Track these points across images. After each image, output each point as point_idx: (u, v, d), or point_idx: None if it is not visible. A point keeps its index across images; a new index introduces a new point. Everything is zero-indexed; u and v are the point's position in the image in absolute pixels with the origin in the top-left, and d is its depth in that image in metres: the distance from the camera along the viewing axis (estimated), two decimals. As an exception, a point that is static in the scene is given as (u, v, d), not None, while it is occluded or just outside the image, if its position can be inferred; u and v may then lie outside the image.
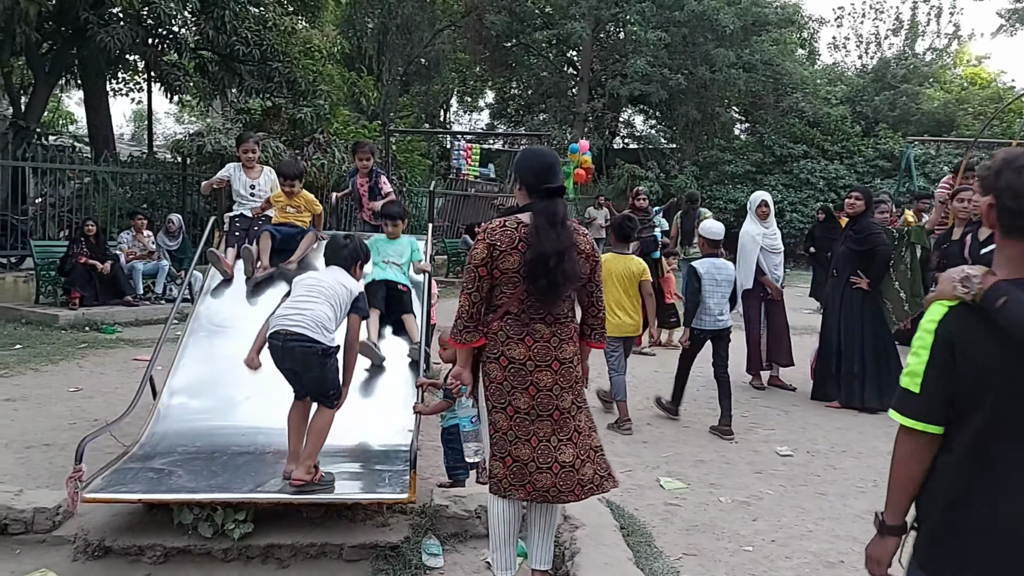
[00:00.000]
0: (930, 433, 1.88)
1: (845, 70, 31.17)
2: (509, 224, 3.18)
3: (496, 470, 3.25)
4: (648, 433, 5.98)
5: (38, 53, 12.87)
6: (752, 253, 7.18)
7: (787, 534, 4.17)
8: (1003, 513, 1.80)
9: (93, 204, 12.62)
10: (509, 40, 26.87)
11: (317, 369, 3.83)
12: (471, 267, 3.17)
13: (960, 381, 1.83)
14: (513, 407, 3.19)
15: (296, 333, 3.77)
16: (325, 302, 3.91)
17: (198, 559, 3.71)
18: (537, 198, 3.21)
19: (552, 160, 3.34)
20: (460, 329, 3.20)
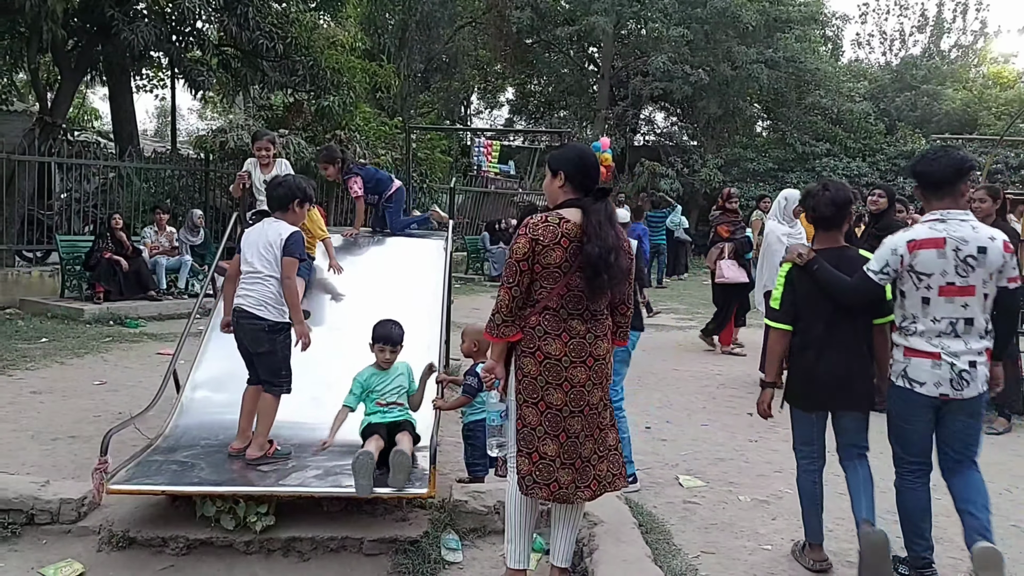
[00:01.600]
0: (784, 329, 3.74)
1: (869, 67, 30.91)
2: (551, 219, 3.20)
3: (522, 466, 3.27)
4: (667, 431, 5.98)
5: (64, 50, 12.99)
6: (778, 253, 6.84)
7: (807, 533, 4.15)
8: (811, 361, 3.68)
9: (117, 199, 12.75)
10: (530, 36, 26.84)
11: (267, 346, 4.12)
12: (512, 261, 3.18)
13: (796, 302, 3.71)
14: (545, 403, 3.22)
15: (244, 311, 4.11)
16: (267, 278, 4.12)
17: (220, 551, 3.76)
18: (585, 196, 3.24)
19: (597, 159, 3.39)
20: (499, 323, 3.21)
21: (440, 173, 18.44)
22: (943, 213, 3.51)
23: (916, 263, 3.45)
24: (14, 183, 11.41)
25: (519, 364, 3.27)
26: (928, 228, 3.49)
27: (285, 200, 4.26)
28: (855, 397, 3.71)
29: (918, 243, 3.46)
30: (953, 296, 3.44)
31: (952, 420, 3.55)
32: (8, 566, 3.57)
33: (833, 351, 3.63)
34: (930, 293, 3.45)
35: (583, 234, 3.15)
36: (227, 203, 14.09)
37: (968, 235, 3.45)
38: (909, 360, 3.53)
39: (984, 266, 3.43)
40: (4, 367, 7.15)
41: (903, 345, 3.56)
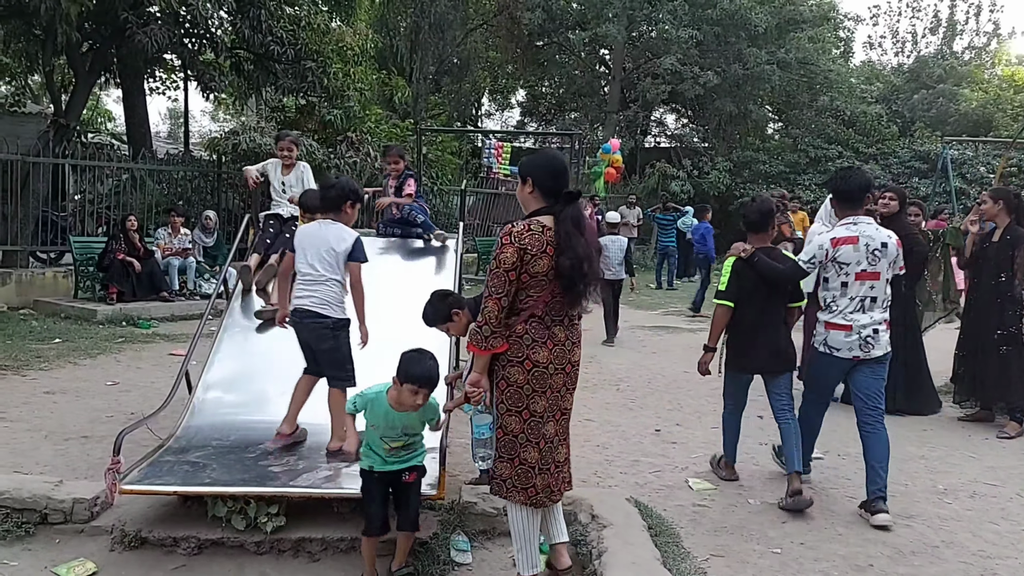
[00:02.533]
0: (728, 306, 4.66)
1: (881, 69, 30.77)
2: (535, 228, 3.19)
3: (502, 471, 3.33)
4: (677, 434, 5.97)
5: (78, 52, 13.08)
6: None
7: (816, 537, 4.15)
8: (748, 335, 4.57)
9: (130, 201, 12.83)
10: (542, 39, 26.86)
11: (330, 342, 4.25)
12: (500, 271, 3.13)
13: (740, 286, 4.63)
14: (529, 411, 3.27)
15: (305, 310, 4.24)
16: (328, 280, 4.27)
17: (231, 551, 3.78)
18: (555, 202, 3.26)
19: (565, 164, 3.44)
20: (487, 335, 3.17)
21: (451, 175, 18.47)
22: (855, 218, 4.59)
23: (838, 255, 4.51)
24: (28, 185, 11.50)
25: (505, 374, 3.26)
26: (845, 229, 4.57)
27: (339, 201, 4.34)
28: (783, 363, 4.76)
29: (839, 240, 4.54)
30: (865, 280, 4.50)
31: (861, 375, 4.56)
32: (22, 565, 3.60)
33: (766, 328, 4.71)
34: (848, 278, 4.51)
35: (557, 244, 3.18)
36: (239, 204, 14.17)
37: (874, 234, 4.54)
38: (828, 332, 4.57)
39: (886, 257, 4.52)
40: (18, 367, 7.21)
41: (824, 320, 4.60)
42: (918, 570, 3.82)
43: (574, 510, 4.11)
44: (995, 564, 3.91)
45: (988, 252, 6.51)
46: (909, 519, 4.43)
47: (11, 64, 16.75)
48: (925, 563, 3.89)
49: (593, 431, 5.94)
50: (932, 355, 6.95)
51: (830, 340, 4.54)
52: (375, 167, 13.96)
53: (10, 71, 17.22)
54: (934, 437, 6.15)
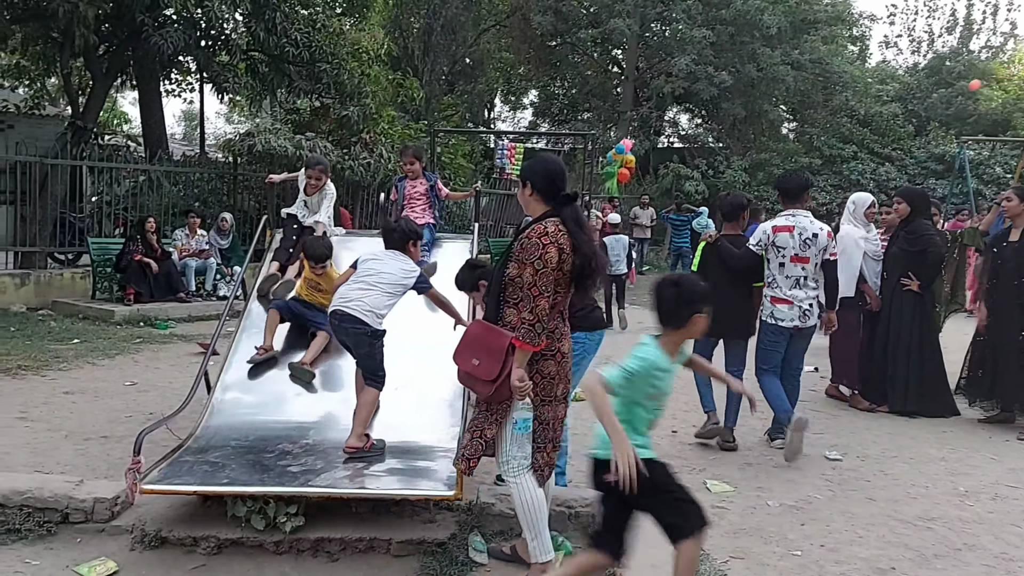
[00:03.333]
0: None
1: (897, 68, 30.57)
2: (560, 228, 3.39)
3: (539, 460, 3.54)
4: (694, 435, 5.94)
5: (96, 55, 13.19)
6: (856, 258, 6.68)
7: (837, 539, 4.12)
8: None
9: (147, 202, 12.91)
10: (554, 39, 26.84)
11: (367, 348, 4.39)
12: (548, 271, 3.29)
13: (706, 266, 5.60)
14: (553, 397, 3.52)
15: (349, 315, 4.33)
16: (382, 292, 4.43)
17: (251, 551, 3.79)
18: (556, 204, 3.46)
19: (562, 167, 3.63)
20: (539, 332, 3.31)
21: (464, 176, 18.49)
22: (793, 211, 5.57)
23: (776, 240, 5.50)
24: (47, 186, 11.59)
25: (538, 368, 3.46)
26: (784, 219, 5.56)
27: (403, 242, 4.60)
28: (739, 330, 5.61)
29: (778, 228, 5.53)
30: (797, 263, 5.47)
31: (795, 342, 5.60)
32: (44, 564, 3.63)
33: (728, 301, 5.23)
34: (784, 260, 5.49)
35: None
36: (254, 206, 14.22)
37: (807, 225, 5.50)
38: (774, 305, 5.52)
39: (816, 245, 5.47)
40: (38, 368, 7.26)
41: (769, 295, 5.56)
42: (940, 573, 3.79)
43: (592, 511, 4.09)
44: (1018, 567, 3.87)
45: (1006, 253, 6.46)
46: (930, 521, 4.40)
47: (29, 67, 16.87)
48: (948, 566, 3.86)
49: (609, 432, 5.92)
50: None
51: (776, 313, 5.51)
52: (388, 168, 13.99)
53: (28, 74, 17.34)
54: (954, 439, 6.10)
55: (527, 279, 3.31)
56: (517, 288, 3.35)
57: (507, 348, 3.36)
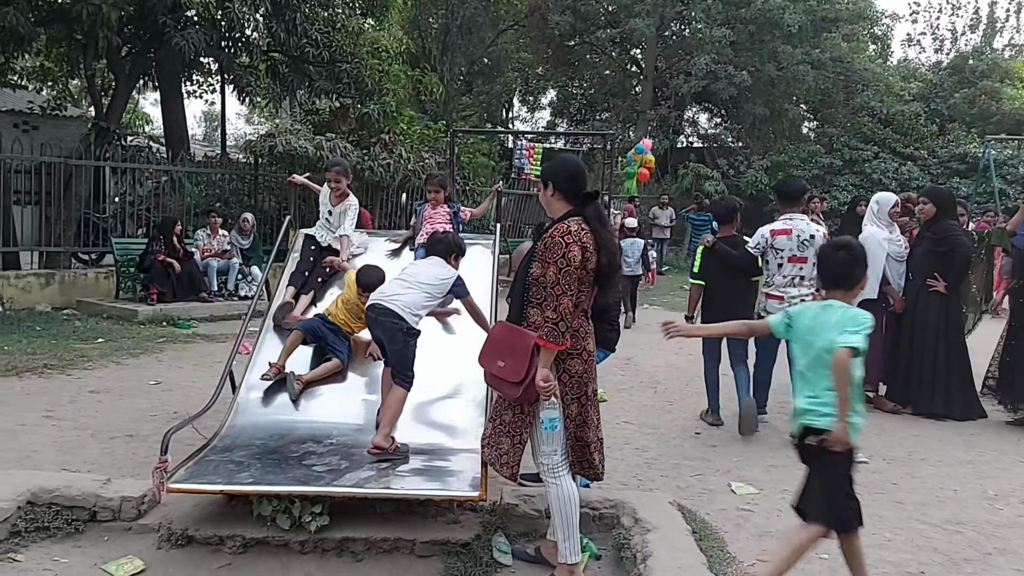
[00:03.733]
0: (700, 284, 6.20)
1: (919, 67, 30.26)
2: (584, 227, 3.41)
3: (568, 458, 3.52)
4: (717, 437, 5.91)
5: (118, 56, 13.30)
6: (879, 259, 6.51)
7: (865, 543, 3.99)
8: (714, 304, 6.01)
9: (169, 203, 13.01)
10: (572, 39, 26.80)
11: (400, 344, 4.39)
12: (571, 270, 3.31)
13: (707, 268, 6.16)
14: (586, 395, 3.52)
15: (387, 308, 4.38)
16: (421, 292, 4.51)
17: (276, 550, 3.80)
18: (578, 203, 3.48)
19: (582, 166, 3.67)
20: (563, 331, 3.32)
21: (483, 177, 18.50)
22: (791, 215, 6.04)
23: (775, 243, 5.97)
24: (71, 187, 11.70)
25: (564, 367, 3.46)
26: (782, 223, 6.02)
27: (447, 253, 4.75)
28: None
29: (776, 231, 5.99)
30: (795, 263, 5.93)
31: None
32: (72, 562, 3.65)
33: (726, 299, 6.05)
34: (783, 260, 5.95)
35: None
36: (275, 207, 14.29)
37: (804, 228, 5.96)
38: (767, 300, 6.01)
39: (812, 246, 5.83)
40: (64, 367, 7.33)
41: (764, 292, 6.07)
42: (970, 578, 3.74)
43: (617, 513, 4.08)
44: (1050, 572, 3.82)
45: None
46: (960, 525, 4.35)
47: (53, 68, 17.05)
48: (978, 570, 3.81)
49: (632, 433, 5.90)
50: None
51: (767, 306, 5.97)
52: (408, 168, 14.01)
53: (52, 75, 17.52)
54: (981, 442, 6.03)
55: (550, 278, 3.32)
56: (540, 288, 3.35)
57: (532, 348, 3.36)
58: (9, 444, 5.13)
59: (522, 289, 3.50)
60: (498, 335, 3.59)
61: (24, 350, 7.89)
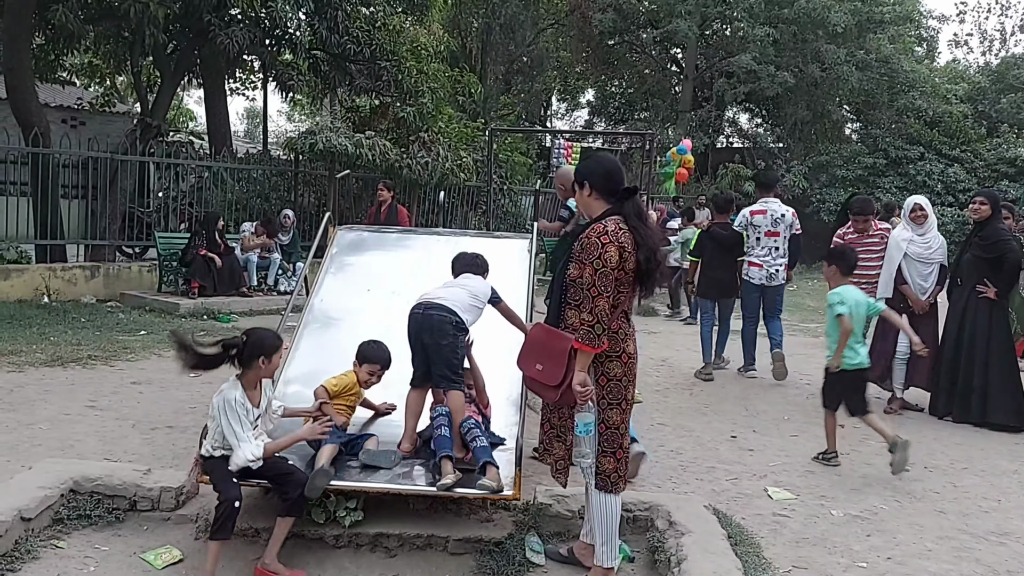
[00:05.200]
0: (696, 260, 8.21)
1: (967, 68, 29.62)
2: (622, 227, 3.35)
3: (606, 466, 3.45)
4: (754, 441, 5.84)
5: (164, 53, 13.54)
6: (894, 259, 6.64)
7: (904, 552, 4.00)
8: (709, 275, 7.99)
9: (211, 198, 13.20)
10: (613, 38, 26.68)
11: (451, 338, 4.19)
12: (607, 271, 3.26)
13: (703, 247, 8.05)
14: (627, 401, 3.46)
15: (437, 303, 4.25)
16: (467, 294, 4.44)
17: (311, 543, 3.84)
18: (616, 200, 3.43)
19: (618, 164, 3.64)
20: (600, 333, 3.27)
21: (520, 175, 18.49)
22: (767, 199, 7.63)
23: (753, 221, 7.54)
24: (116, 181, 11.93)
25: (603, 370, 3.41)
26: (760, 205, 7.60)
27: (482, 271, 4.76)
28: (728, 292, 7.92)
29: (754, 212, 7.58)
30: (770, 236, 7.50)
31: (767, 294, 7.65)
32: (112, 550, 3.72)
33: (718, 271, 7.83)
34: (760, 235, 7.51)
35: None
36: (315, 203, 14.43)
37: (776, 209, 7.55)
38: (750, 268, 7.57)
39: (783, 223, 7.52)
40: (107, 358, 7.47)
41: (746, 260, 7.59)
42: (1014, 591, 3.65)
43: (651, 515, 4.05)
44: (1098, 588, 3.71)
45: None
46: (1003, 536, 4.24)
47: (100, 65, 17.40)
48: (1022, 584, 3.72)
49: (667, 435, 5.85)
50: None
51: (750, 273, 7.57)
52: (446, 167, 14.05)
53: (99, 72, 17.89)
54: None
55: (586, 280, 3.28)
56: (578, 289, 3.32)
57: (569, 351, 3.33)
58: (54, 433, 5.25)
59: (560, 290, 3.48)
60: (536, 337, 3.57)
61: (69, 341, 8.06)
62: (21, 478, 4.00)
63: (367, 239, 6.41)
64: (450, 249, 6.40)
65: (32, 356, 7.35)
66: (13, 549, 3.52)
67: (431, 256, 6.17)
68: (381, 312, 5.29)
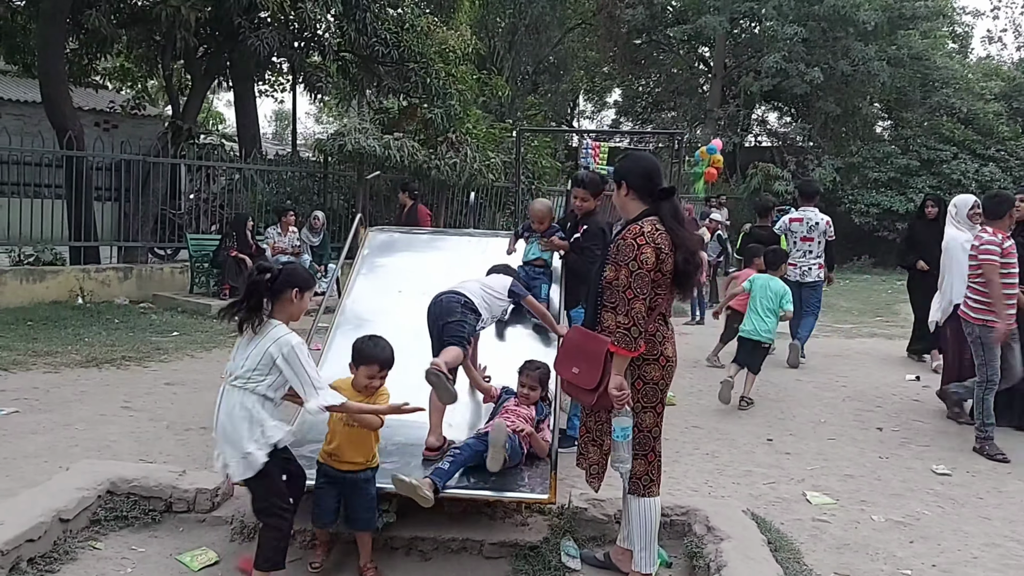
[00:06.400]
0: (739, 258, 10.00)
1: (1001, 64, 29.09)
2: (658, 227, 3.32)
3: (638, 469, 3.43)
4: (790, 444, 5.74)
5: (195, 57, 13.66)
6: (961, 263, 6.23)
7: (949, 559, 3.90)
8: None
9: (241, 200, 13.28)
10: (640, 36, 26.54)
11: (457, 315, 4.33)
12: (643, 272, 3.23)
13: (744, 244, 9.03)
14: (662, 404, 3.43)
15: (452, 291, 4.46)
16: (480, 285, 4.62)
17: (345, 546, 3.82)
18: (653, 201, 3.40)
19: (657, 164, 3.58)
20: (636, 336, 3.24)
21: (549, 176, 18.43)
22: (805, 208, 8.47)
23: (792, 227, 8.41)
24: (149, 184, 12.05)
25: (639, 373, 3.37)
26: (799, 214, 8.44)
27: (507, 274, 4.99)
28: None
29: (792, 219, 8.44)
30: (805, 242, 8.35)
31: (803, 291, 8.29)
32: (149, 551, 3.73)
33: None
34: (797, 240, 8.38)
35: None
36: (344, 204, 14.47)
37: (812, 217, 8.35)
38: (788, 268, 7.83)
39: (818, 230, 8.33)
40: (141, 359, 7.53)
41: (788, 261, 7.83)
42: (1066, 601, 3.55)
43: (688, 520, 3.99)
44: None
45: None
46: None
47: (132, 69, 17.62)
48: (1074, 593, 3.61)
49: (701, 438, 5.78)
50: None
51: (788, 272, 7.89)
52: (474, 168, 14.04)
53: (131, 76, 18.11)
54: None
55: (622, 282, 3.25)
56: (614, 291, 3.29)
57: (605, 354, 3.29)
58: (89, 434, 5.29)
59: (597, 292, 3.44)
60: (572, 340, 3.53)
61: (104, 342, 8.14)
62: (59, 479, 4.03)
63: (398, 240, 6.41)
64: (481, 250, 6.41)
65: (67, 357, 7.43)
66: (52, 550, 3.54)
67: (462, 257, 6.16)
68: (413, 313, 5.25)
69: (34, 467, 4.64)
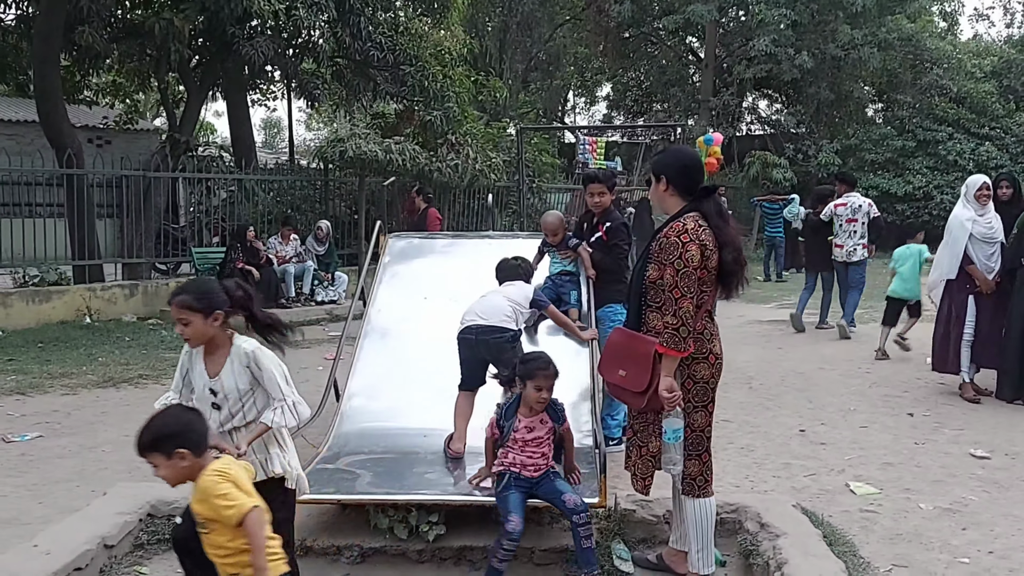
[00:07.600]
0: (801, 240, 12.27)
1: (992, 42, 29.12)
2: (702, 224, 3.26)
3: (691, 470, 3.37)
4: (824, 434, 5.69)
5: (189, 68, 13.54)
6: (960, 240, 6.44)
7: (1005, 545, 3.85)
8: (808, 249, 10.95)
9: (241, 211, 13.18)
10: (629, 29, 26.49)
11: (510, 352, 4.29)
12: (690, 271, 3.16)
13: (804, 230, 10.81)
14: (713, 403, 3.39)
15: (487, 326, 4.36)
16: (506, 300, 4.54)
17: (393, 559, 3.78)
18: (694, 198, 3.34)
19: (698, 158, 3.54)
20: (685, 336, 3.17)
21: (547, 173, 18.39)
22: (848, 194, 9.44)
23: (837, 211, 9.28)
24: (149, 199, 11.94)
25: (689, 373, 3.30)
26: (843, 199, 9.36)
27: (514, 276, 4.86)
28: (824, 266, 9.69)
29: (837, 204, 9.31)
30: (850, 223, 9.22)
31: (849, 270, 9.31)
32: (195, 574, 3.65)
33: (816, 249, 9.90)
34: (842, 222, 9.25)
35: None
36: (346, 211, 14.38)
37: (855, 200, 9.32)
38: (835, 248, 9.28)
39: (861, 212, 9.21)
40: (157, 376, 7.45)
41: (832, 240, 9.34)
42: None
43: (739, 517, 3.94)
44: None
45: None
46: None
47: (124, 83, 17.48)
48: None
49: (733, 432, 5.72)
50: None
51: (835, 252, 9.30)
52: (476, 168, 13.98)
53: (123, 90, 17.97)
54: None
55: (668, 281, 3.18)
56: (659, 291, 3.23)
57: (653, 356, 3.23)
58: (117, 455, 5.21)
59: (639, 292, 3.38)
60: (617, 342, 3.46)
61: (117, 361, 8.05)
62: (98, 504, 3.96)
63: (417, 246, 6.35)
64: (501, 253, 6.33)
65: (84, 378, 7.34)
66: (98, 577, 3.47)
67: (483, 260, 6.06)
68: (440, 319, 5.20)
69: (66, 492, 4.57)
